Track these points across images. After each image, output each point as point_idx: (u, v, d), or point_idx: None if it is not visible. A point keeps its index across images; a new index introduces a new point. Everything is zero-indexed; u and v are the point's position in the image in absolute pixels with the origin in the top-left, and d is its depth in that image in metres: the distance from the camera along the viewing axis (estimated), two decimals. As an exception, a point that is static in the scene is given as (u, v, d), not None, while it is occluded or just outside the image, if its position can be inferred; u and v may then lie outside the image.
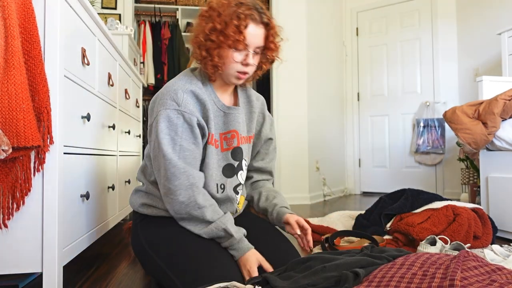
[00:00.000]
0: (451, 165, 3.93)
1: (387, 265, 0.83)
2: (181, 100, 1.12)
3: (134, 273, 1.42)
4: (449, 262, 0.78)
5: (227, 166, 1.25)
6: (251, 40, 1.13)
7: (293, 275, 0.91)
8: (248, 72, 1.18)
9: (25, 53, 1.02)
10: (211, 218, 1.11)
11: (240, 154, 1.26)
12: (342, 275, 0.83)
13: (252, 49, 1.15)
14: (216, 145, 1.22)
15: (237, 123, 1.24)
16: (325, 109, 4.11)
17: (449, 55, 4.01)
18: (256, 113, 1.33)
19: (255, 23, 1.13)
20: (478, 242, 1.71)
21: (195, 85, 1.17)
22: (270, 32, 1.17)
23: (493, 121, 1.96)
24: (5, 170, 1.02)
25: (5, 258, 1.06)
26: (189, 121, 1.12)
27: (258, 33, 1.15)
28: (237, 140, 1.25)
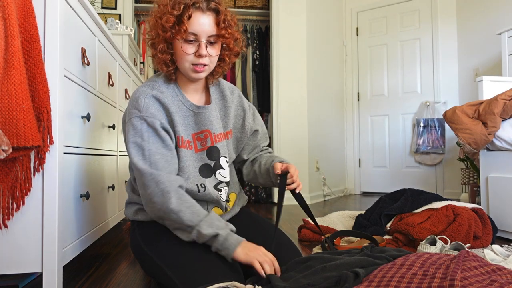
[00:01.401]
0: (451, 165, 3.93)
1: (387, 265, 0.83)
2: (142, 105, 1.11)
3: (134, 273, 1.42)
4: (449, 262, 0.78)
5: (204, 166, 1.22)
6: (199, 29, 1.09)
7: (294, 275, 0.91)
8: (205, 64, 1.12)
9: (25, 53, 1.02)
10: (190, 222, 1.06)
11: (217, 153, 1.24)
12: (342, 275, 0.83)
13: (204, 38, 1.10)
14: (190, 146, 1.19)
15: (209, 122, 1.21)
16: (325, 109, 4.11)
17: (449, 55, 4.01)
18: (232, 108, 1.29)
19: (201, 11, 1.09)
20: (478, 242, 1.71)
21: (157, 89, 1.15)
22: (220, 18, 1.12)
23: (493, 121, 1.96)
24: (5, 170, 1.02)
25: (5, 258, 1.06)
26: (153, 125, 1.10)
27: (206, 21, 1.10)
28: (211, 140, 1.22)
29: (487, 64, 3.61)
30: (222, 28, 1.12)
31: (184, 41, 1.10)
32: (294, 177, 1.19)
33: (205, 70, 1.15)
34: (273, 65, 3.73)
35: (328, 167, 4.11)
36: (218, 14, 1.12)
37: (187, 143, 1.19)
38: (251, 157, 1.37)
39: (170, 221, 1.09)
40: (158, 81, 1.19)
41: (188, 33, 1.09)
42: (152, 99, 1.13)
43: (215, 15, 1.12)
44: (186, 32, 1.08)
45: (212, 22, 1.11)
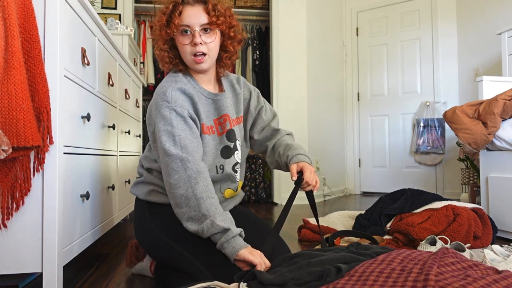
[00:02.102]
0: (451, 165, 3.93)
1: (368, 261, 0.86)
2: (171, 97, 1.18)
3: (134, 274, 1.42)
4: (428, 258, 0.81)
5: (224, 148, 1.30)
6: (190, 21, 1.18)
7: (280, 270, 0.93)
8: (203, 52, 1.20)
9: (25, 53, 1.02)
10: (206, 211, 1.09)
11: (234, 136, 1.32)
12: (324, 270, 0.86)
13: (197, 27, 1.19)
14: (213, 131, 1.27)
15: (226, 107, 1.30)
16: (325, 109, 4.11)
17: (449, 55, 4.01)
18: (241, 94, 1.39)
19: (190, 5, 1.20)
20: (478, 242, 1.71)
21: (180, 82, 1.23)
22: (209, 7, 1.20)
23: (493, 121, 1.96)
24: (4, 170, 1.02)
25: (5, 258, 1.06)
26: (181, 114, 1.17)
27: (195, 12, 1.19)
28: (229, 123, 1.31)
29: (487, 64, 3.61)
30: (213, 16, 1.20)
31: (179, 34, 1.20)
32: (310, 181, 1.23)
33: (206, 60, 1.22)
34: (273, 65, 3.72)
35: (328, 167, 4.11)
36: (206, 4, 1.20)
37: (209, 128, 1.27)
38: (270, 144, 1.43)
39: (187, 208, 1.11)
40: (178, 75, 1.26)
41: (181, 26, 1.19)
42: (178, 91, 1.20)
43: (204, 5, 1.20)
44: (178, 26, 1.18)
45: (202, 12, 1.20)
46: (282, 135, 1.44)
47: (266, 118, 1.42)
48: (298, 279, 0.85)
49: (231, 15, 1.27)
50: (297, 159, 1.28)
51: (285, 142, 1.39)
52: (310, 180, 1.23)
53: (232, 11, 1.28)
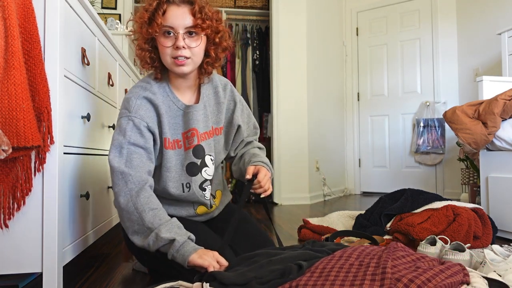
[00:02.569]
0: (451, 165, 3.93)
1: (327, 258, 0.90)
2: (132, 106, 1.15)
3: (134, 273, 1.42)
4: (381, 252, 0.86)
5: (190, 164, 1.24)
6: (174, 22, 1.11)
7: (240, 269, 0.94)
8: (185, 56, 1.13)
9: (25, 53, 1.02)
10: (150, 224, 1.07)
11: (202, 152, 1.25)
12: (286, 267, 0.89)
13: (181, 30, 1.12)
14: (179, 146, 1.22)
15: (195, 121, 1.23)
16: (325, 109, 4.11)
17: (449, 55, 4.01)
18: (224, 103, 1.31)
19: (175, 5, 1.12)
20: (478, 242, 1.71)
21: (149, 91, 1.18)
22: (195, 9, 1.12)
23: (493, 121, 1.96)
24: (5, 170, 1.02)
25: (5, 258, 1.06)
26: (138, 125, 1.13)
27: (180, 13, 1.12)
28: (197, 138, 1.24)
29: (487, 64, 3.61)
30: (199, 18, 1.12)
31: (161, 35, 1.13)
32: (262, 182, 1.17)
33: (188, 63, 1.15)
34: (273, 65, 3.72)
35: (328, 167, 4.11)
36: (193, 5, 1.13)
37: (175, 142, 1.22)
38: (239, 153, 1.37)
39: (130, 223, 1.10)
40: (150, 81, 1.21)
41: (163, 26, 1.11)
42: (143, 101, 1.16)
43: (190, 6, 1.13)
44: (160, 26, 1.11)
45: (187, 14, 1.12)
46: (253, 147, 1.38)
47: (242, 135, 1.36)
48: (260, 277, 0.87)
49: (219, 20, 1.20)
50: (256, 164, 1.23)
51: (252, 152, 1.33)
52: (263, 181, 1.17)
53: (220, 15, 1.22)
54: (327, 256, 0.91)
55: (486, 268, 1.19)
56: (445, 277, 0.74)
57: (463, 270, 0.80)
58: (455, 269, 0.78)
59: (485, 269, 1.19)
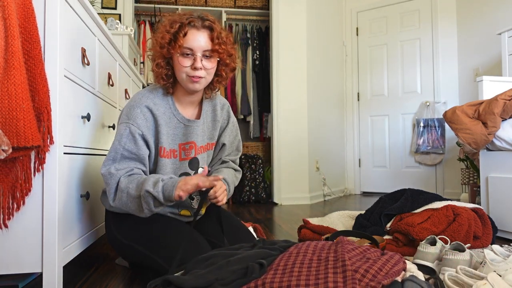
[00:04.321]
0: (451, 165, 3.93)
1: (284, 255, 0.93)
2: (132, 114, 1.22)
3: (134, 273, 1.42)
4: (335, 247, 0.92)
5: (184, 174, 1.32)
6: (194, 45, 1.20)
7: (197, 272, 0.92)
8: (201, 76, 1.22)
9: (25, 53, 1.02)
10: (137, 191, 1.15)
11: (197, 164, 1.35)
12: (248, 266, 0.90)
13: (200, 53, 1.21)
14: (174, 155, 1.30)
15: (195, 135, 1.33)
16: (325, 109, 4.11)
17: (449, 55, 4.01)
18: (219, 122, 1.41)
19: (196, 29, 1.21)
20: (478, 242, 1.71)
21: (151, 100, 1.26)
22: (214, 35, 1.22)
23: (493, 121, 1.96)
24: (5, 170, 1.02)
25: (5, 258, 1.06)
26: (133, 133, 1.21)
27: (200, 37, 1.21)
28: (195, 151, 1.34)
29: (487, 64, 3.61)
30: (216, 44, 1.22)
31: (180, 55, 1.21)
32: (217, 193, 1.22)
33: (201, 82, 1.25)
34: (273, 65, 3.72)
35: (328, 167, 4.11)
36: (212, 31, 1.23)
37: (171, 152, 1.29)
38: (212, 169, 1.45)
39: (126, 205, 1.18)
40: (157, 92, 1.29)
41: (184, 47, 1.20)
42: (144, 109, 1.24)
43: (209, 32, 1.23)
44: (181, 47, 1.20)
45: (206, 38, 1.22)
46: (227, 167, 1.44)
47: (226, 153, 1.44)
48: (222, 279, 0.87)
49: (231, 43, 1.30)
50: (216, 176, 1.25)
51: (221, 170, 1.40)
52: (218, 192, 1.22)
53: (231, 38, 1.31)
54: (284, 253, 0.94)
55: (486, 268, 1.19)
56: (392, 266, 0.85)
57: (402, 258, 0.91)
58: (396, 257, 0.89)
59: (485, 269, 1.19)
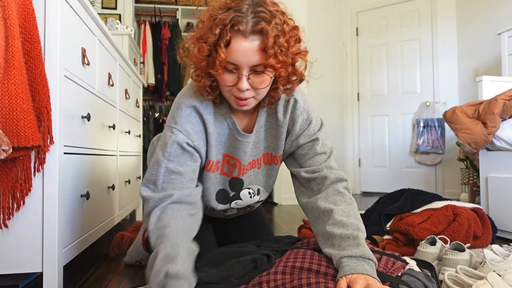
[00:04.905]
0: (451, 165, 3.93)
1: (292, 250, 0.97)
2: (180, 117, 0.99)
3: (134, 273, 1.42)
4: None
5: (222, 191, 1.13)
6: (239, 59, 0.87)
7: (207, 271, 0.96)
8: (248, 97, 0.93)
9: (25, 53, 1.02)
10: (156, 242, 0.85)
11: (239, 185, 1.13)
12: (257, 259, 0.93)
13: (246, 70, 0.89)
14: (217, 167, 1.08)
15: (243, 153, 1.07)
16: (325, 109, 4.11)
17: (449, 55, 4.01)
18: (284, 128, 1.09)
19: (242, 36, 0.86)
20: (478, 242, 1.71)
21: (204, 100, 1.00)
22: (269, 43, 0.86)
23: (493, 121, 1.96)
24: (5, 170, 1.02)
25: (5, 258, 1.06)
26: (180, 142, 0.98)
27: (248, 48, 0.86)
28: (238, 171, 1.10)
29: (487, 64, 3.61)
30: (271, 56, 0.87)
31: (222, 70, 0.90)
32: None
33: (250, 102, 0.96)
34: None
35: (328, 167, 4.10)
36: (265, 37, 0.86)
37: (216, 163, 1.08)
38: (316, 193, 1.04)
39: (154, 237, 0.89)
40: None
41: (226, 62, 0.88)
42: (193, 112, 0.99)
43: (261, 38, 0.87)
44: (223, 63, 0.88)
45: (256, 49, 0.87)
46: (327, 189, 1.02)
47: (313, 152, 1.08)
48: (233, 273, 0.90)
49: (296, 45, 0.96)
50: (348, 269, 0.82)
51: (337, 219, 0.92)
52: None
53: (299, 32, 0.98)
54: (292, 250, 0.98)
55: (486, 268, 1.19)
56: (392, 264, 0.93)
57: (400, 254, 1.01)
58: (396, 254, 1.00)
59: (485, 269, 1.19)
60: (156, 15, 4.45)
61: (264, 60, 0.88)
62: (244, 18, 0.86)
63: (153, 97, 4.49)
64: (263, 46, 0.87)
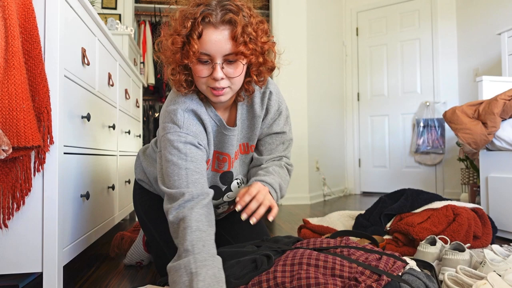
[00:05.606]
0: (451, 165, 3.93)
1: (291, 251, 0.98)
2: (182, 121, 1.00)
3: (134, 273, 1.42)
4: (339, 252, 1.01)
5: (213, 187, 1.15)
6: (211, 49, 0.92)
7: None
8: (223, 87, 0.96)
9: (25, 53, 1.02)
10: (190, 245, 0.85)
11: (230, 178, 1.17)
12: (257, 259, 0.94)
13: (219, 59, 0.93)
14: (208, 165, 1.13)
15: (230, 146, 1.11)
16: (325, 109, 4.11)
17: (449, 55, 4.01)
18: (260, 117, 1.15)
19: (213, 27, 0.91)
20: (478, 242, 1.71)
21: (194, 102, 1.04)
22: (238, 31, 0.91)
23: (493, 121, 1.96)
24: (5, 170, 1.02)
25: (5, 258, 1.06)
26: (193, 143, 1.00)
27: (219, 37, 0.91)
28: (228, 164, 1.13)
29: (487, 64, 3.61)
30: (241, 43, 0.92)
31: (197, 61, 0.94)
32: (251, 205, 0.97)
33: (226, 92, 0.99)
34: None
35: (328, 167, 4.11)
36: (235, 27, 0.92)
37: (208, 161, 1.12)
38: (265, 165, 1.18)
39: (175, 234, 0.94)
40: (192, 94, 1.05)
41: (200, 53, 0.92)
42: (191, 115, 1.02)
43: (231, 28, 0.92)
44: (197, 54, 0.92)
45: (227, 38, 0.92)
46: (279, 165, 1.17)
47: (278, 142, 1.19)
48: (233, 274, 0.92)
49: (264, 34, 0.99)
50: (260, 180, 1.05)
51: (267, 166, 1.14)
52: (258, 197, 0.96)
53: (266, 25, 1.01)
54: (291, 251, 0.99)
55: (486, 268, 1.19)
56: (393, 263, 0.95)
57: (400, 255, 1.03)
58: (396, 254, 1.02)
59: (485, 269, 1.19)
60: (156, 15, 4.45)
61: (235, 48, 0.93)
62: (214, 11, 0.92)
63: (153, 97, 4.50)
64: (233, 35, 0.92)
